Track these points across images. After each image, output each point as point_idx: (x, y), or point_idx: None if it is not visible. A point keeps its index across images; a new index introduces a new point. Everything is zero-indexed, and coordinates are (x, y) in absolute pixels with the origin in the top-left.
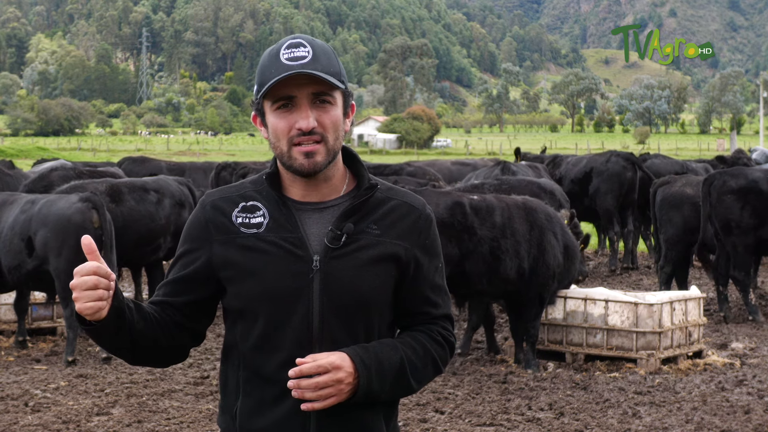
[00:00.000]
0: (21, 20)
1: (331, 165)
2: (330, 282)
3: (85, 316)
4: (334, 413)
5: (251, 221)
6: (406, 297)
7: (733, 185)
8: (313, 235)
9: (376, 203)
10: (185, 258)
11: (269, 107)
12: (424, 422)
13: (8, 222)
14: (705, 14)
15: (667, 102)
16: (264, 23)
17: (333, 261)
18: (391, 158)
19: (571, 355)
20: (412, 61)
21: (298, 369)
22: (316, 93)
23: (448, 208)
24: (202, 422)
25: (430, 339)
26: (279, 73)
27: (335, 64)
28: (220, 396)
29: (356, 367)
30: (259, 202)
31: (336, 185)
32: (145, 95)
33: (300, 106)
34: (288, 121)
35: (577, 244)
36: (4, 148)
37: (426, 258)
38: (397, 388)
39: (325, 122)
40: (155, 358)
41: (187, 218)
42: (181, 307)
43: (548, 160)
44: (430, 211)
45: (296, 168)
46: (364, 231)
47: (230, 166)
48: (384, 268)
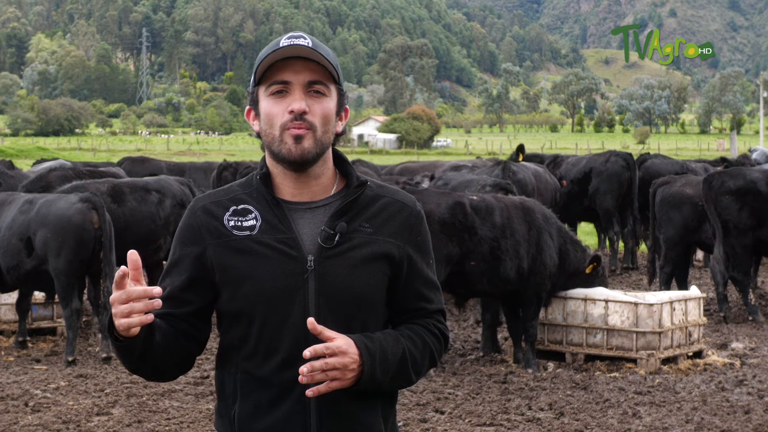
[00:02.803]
0: (21, 20)
1: (320, 162)
2: (325, 282)
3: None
4: (334, 412)
5: (243, 224)
6: (400, 294)
7: (731, 186)
8: (306, 235)
9: (367, 201)
10: (180, 266)
11: (263, 93)
12: (424, 422)
13: (6, 222)
14: (705, 14)
15: (667, 102)
16: (264, 23)
17: (327, 261)
18: (391, 158)
19: (571, 355)
20: (412, 61)
21: (312, 348)
22: (312, 81)
23: (449, 208)
24: (202, 422)
25: (427, 332)
26: (278, 55)
27: (333, 59)
28: (216, 400)
29: (361, 354)
30: (250, 205)
31: (326, 184)
32: (145, 95)
33: (294, 92)
34: (281, 107)
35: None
36: (4, 148)
37: (418, 255)
38: (398, 378)
39: (315, 110)
40: (169, 372)
41: None
42: (187, 318)
43: (548, 160)
44: (420, 207)
45: (284, 155)
46: (357, 230)
47: (232, 166)
48: (378, 266)
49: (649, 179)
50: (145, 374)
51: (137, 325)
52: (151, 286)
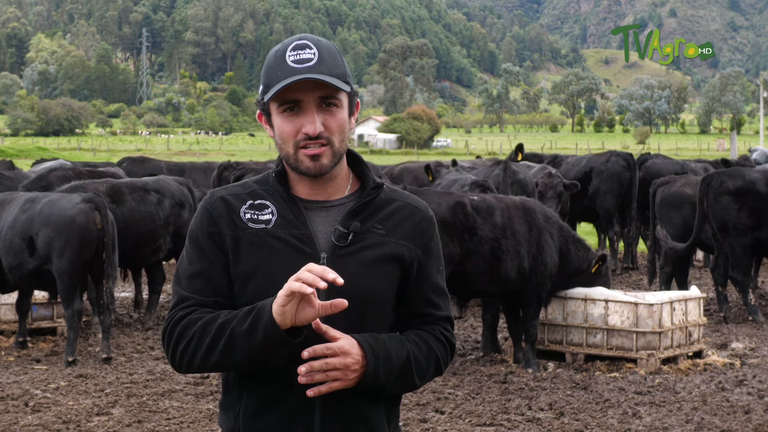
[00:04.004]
0: (21, 20)
1: (336, 165)
2: None
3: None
4: (339, 410)
5: (260, 218)
6: (408, 298)
7: (730, 186)
8: (320, 232)
9: (380, 203)
10: (203, 261)
11: (275, 109)
12: (424, 422)
13: (8, 221)
14: (705, 14)
15: (667, 102)
16: (264, 23)
17: (340, 259)
18: (391, 158)
19: (571, 355)
20: (412, 61)
21: (312, 349)
22: (323, 96)
23: (450, 208)
24: (202, 422)
25: (433, 338)
26: (285, 76)
27: (341, 64)
28: (221, 395)
29: (365, 354)
30: (267, 200)
31: (340, 185)
32: (145, 95)
33: (306, 110)
34: (294, 125)
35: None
36: (4, 148)
37: (429, 260)
38: (402, 381)
39: (331, 126)
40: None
41: (186, 218)
42: (229, 306)
43: (548, 160)
44: (432, 213)
45: (302, 171)
46: (370, 230)
47: (232, 167)
48: (389, 267)
49: (650, 179)
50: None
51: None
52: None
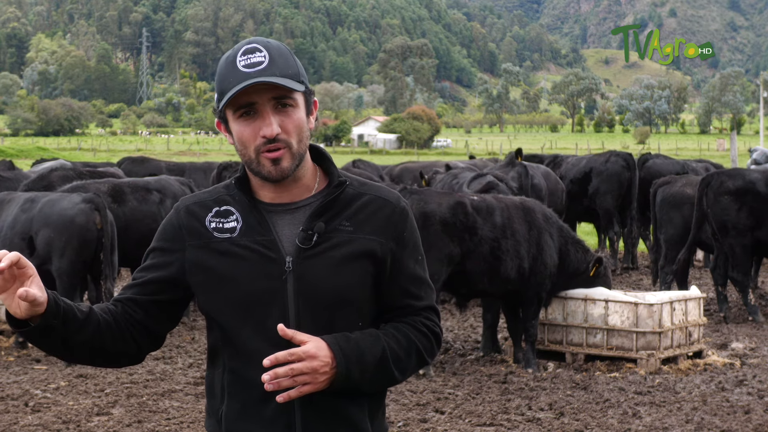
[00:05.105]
0: (21, 20)
1: (299, 167)
2: (304, 283)
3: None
4: (319, 410)
5: (225, 226)
6: (386, 292)
7: (730, 186)
8: (285, 236)
9: (348, 199)
10: (155, 259)
11: (232, 115)
12: (424, 422)
13: (8, 221)
14: (705, 14)
15: (667, 102)
16: (264, 23)
17: (306, 261)
18: (391, 158)
19: (571, 355)
20: (412, 61)
21: (273, 356)
22: (277, 97)
23: (450, 208)
24: (202, 422)
25: (413, 329)
26: (237, 82)
27: (293, 65)
28: (206, 399)
29: (335, 356)
30: (232, 207)
31: (307, 185)
32: (145, 95)
33: (262, 112)
34: (252, 129)
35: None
36: (4, 148)
37: (403, 251)
38: (379, 377)
39: (288, 127)
40: (113, 359)
41: None
42: (147, 306)
43: (548, 160)
44: (405, 204)
45: (264, 175)
46: (337, 228)
47: (232, 167)
48: (359, 264)
49: (650, 179)
50: (64, 359)
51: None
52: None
